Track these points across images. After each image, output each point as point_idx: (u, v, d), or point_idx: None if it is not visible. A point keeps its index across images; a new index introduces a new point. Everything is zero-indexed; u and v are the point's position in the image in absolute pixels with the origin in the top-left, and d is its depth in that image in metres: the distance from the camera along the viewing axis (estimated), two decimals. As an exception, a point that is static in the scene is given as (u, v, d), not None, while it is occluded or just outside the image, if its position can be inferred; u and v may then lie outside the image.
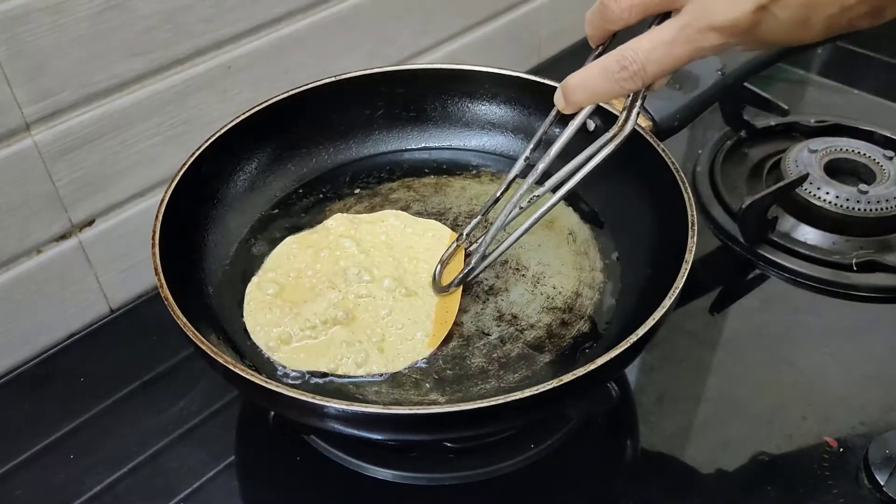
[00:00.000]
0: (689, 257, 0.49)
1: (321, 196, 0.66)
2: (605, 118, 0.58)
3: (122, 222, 0.66)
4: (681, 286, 0.47)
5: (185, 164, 0.57)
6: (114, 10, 0.57)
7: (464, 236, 0.58)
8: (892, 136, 0.79)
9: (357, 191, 0.67)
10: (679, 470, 0.55)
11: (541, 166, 0.50)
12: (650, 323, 0.45)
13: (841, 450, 0.55)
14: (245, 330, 0.55)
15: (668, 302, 0.46)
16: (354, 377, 0.52)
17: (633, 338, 0.44)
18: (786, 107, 0.78)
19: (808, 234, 0.70)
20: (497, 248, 0.54)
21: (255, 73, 0.68)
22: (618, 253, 0.60)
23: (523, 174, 0.53)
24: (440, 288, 0.57)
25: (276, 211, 0.64)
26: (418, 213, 0.65)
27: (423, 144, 0.70)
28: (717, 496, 0.54)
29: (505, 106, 0.68)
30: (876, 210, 0.69)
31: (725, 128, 0.81)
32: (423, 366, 0.53)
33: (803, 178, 0.70)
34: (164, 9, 0.60)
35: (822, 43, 0.40)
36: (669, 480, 0.55)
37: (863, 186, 0.70)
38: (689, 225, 0.52)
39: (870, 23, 0.41)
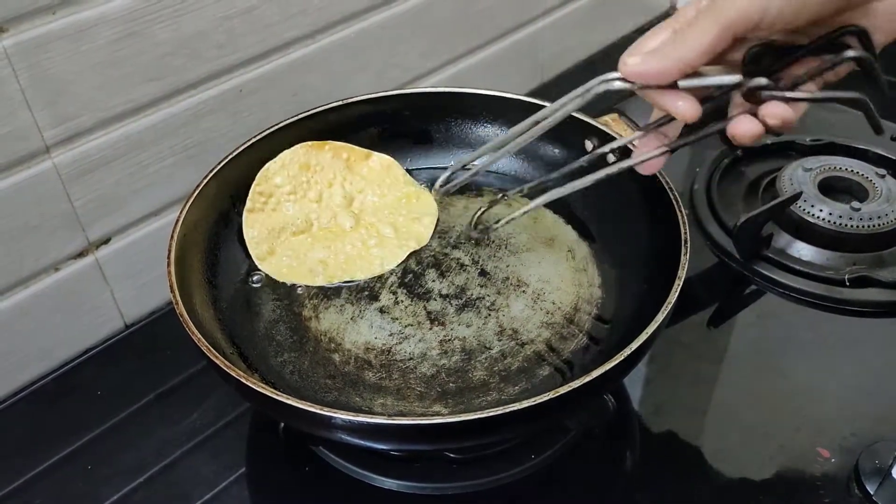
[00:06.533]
0: (682, 274, 0.51)
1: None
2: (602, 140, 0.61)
3: (138, 240, 0.68)
4: (673, 301, 0.49)
5: (199, 185, 0.59)
6: (131, 37, 0.59)
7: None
8: (885, 155, 0.80)
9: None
10: (675, 480, 0.57)
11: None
12: (643, 337, 0.47)
13: (833, 460, 0.56)
14: (255, 343, 0.57)
15: (660, 317, 0.48)
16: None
17: (626, 351, 0.46)
18: (780, 126, 0.80)
19: (803, 251, 0.71)
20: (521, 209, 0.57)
21: (265, 96, 0.70)
22: (615, 269, 0.62)
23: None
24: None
25: (286, 229, 0.66)
26: (423, 231, 0.67)
27: (427, 165, 0.72)
28: (712, 505, 0.55)
29: (506, 128, 0.70)
30: (868, 227, 0.70)
31: (723, 146, 0.82)
32: (428, 377, 0.55)
33: (797, 196, 0.71)
34: (179, 36, 0.62)
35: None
36: (666, 490, 0.56)
37: (855, 204, 0.71)
38: (682, 243, 0.53)
39: None
